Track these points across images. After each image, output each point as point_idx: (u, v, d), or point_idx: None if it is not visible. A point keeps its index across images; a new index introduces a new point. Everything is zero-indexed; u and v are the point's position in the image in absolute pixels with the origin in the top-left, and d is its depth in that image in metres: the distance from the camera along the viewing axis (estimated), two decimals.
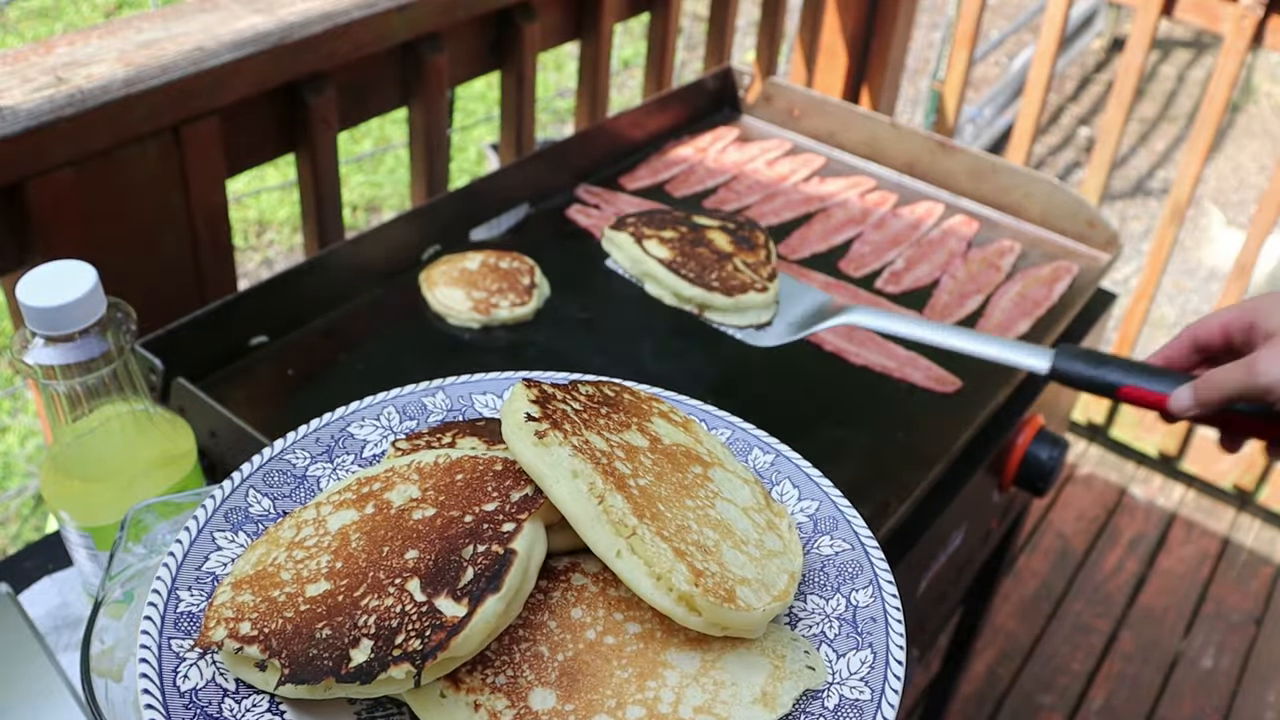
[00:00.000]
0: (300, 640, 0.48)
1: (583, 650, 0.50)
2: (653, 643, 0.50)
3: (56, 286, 0.69)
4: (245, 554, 0.55)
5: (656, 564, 0.49)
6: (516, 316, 1.10)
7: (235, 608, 0.50)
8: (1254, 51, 2.14)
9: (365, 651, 0.46)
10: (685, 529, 0.51)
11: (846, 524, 0.59)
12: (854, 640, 0.52)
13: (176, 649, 0.50)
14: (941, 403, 1.07)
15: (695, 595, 0.48)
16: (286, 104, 1.17)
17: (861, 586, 0.55)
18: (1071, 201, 1.30)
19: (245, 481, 0.59)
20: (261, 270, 3.19)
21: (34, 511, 2.41)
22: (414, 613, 0.47)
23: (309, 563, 0.52)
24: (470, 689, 0.48)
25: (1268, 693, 2.08)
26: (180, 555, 0.54)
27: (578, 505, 0.50)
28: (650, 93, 1.72)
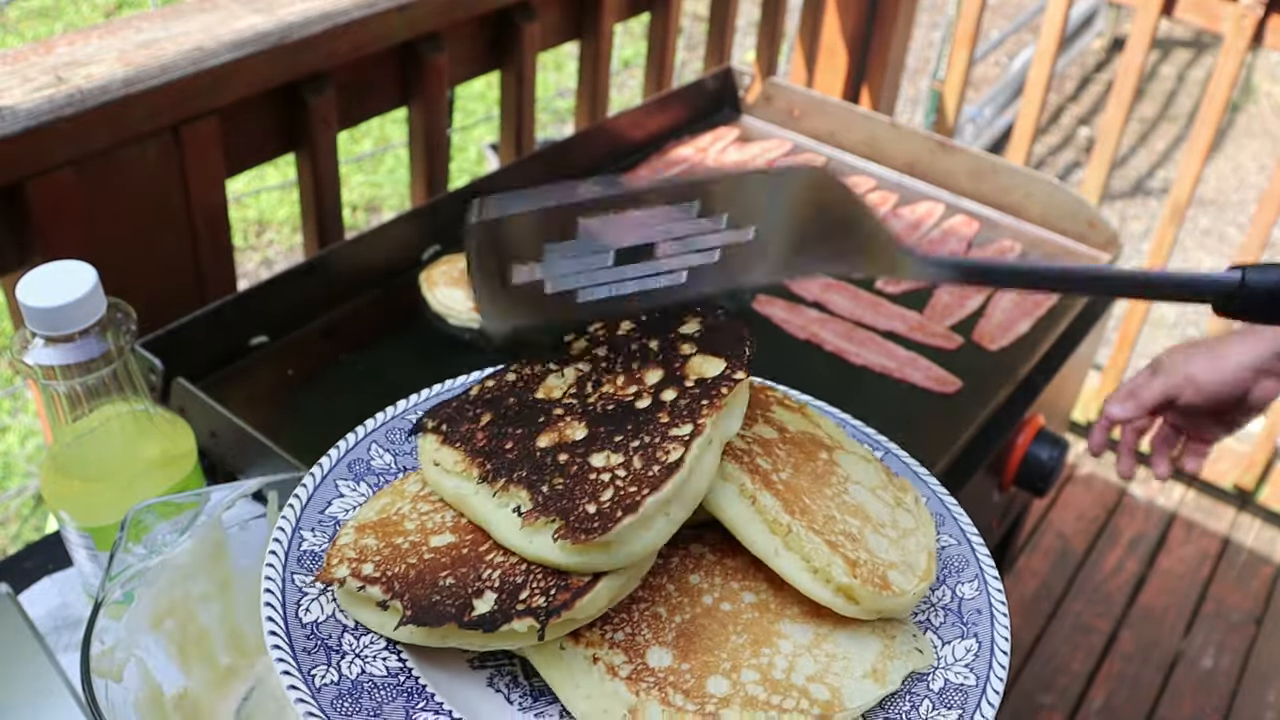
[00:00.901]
0: (423, 585, 0.48)
1: (699, 614, 0.51)
2: (767, 612, 0.51)
3: (56, 287, 0.69)
4: (369, 503, 0.55)
5: (814, 559, 0.49)
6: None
7: (358, 549, 0.51)
8: (1254, 51, 2.14)
9: (489, 603, 0.47)
10: (831, 519, 0.52)
11: (954, 520, 0.60)
12: (959, 629, 0.53)
13: (299, 584, 0.51)
14: (941, 403, 1.07)
15: (855, 586, 0.49)
16: (286, 104, 1.17)
17: (968, 580, 0.56)
18: (1071, 201, 1.30)
19: (369, 435, 0.60)
20: (261, 270, 3.19)
21: (34, 511, 2.41)
22: (539, 571, 0.47)
23: (434, 515, 0.53)
24: (589, 643, 0.49)
25: (1268, 692, 2.08)
26: (305, 497, 0.55)
27: (733, 509, 0.51)
28: (650, 93, 1.72)
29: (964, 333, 1.16)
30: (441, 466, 0.53)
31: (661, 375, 0.53)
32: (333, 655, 0.48)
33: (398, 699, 0.47)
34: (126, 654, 0.62)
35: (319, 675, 0.47)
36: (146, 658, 0.64)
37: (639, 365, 0.54)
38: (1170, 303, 0.92)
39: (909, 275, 0.57)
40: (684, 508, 0.48)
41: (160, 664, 0.65)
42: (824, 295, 1.19)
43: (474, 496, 0.51)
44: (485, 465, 0.51)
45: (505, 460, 0.51)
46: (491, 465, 0.51)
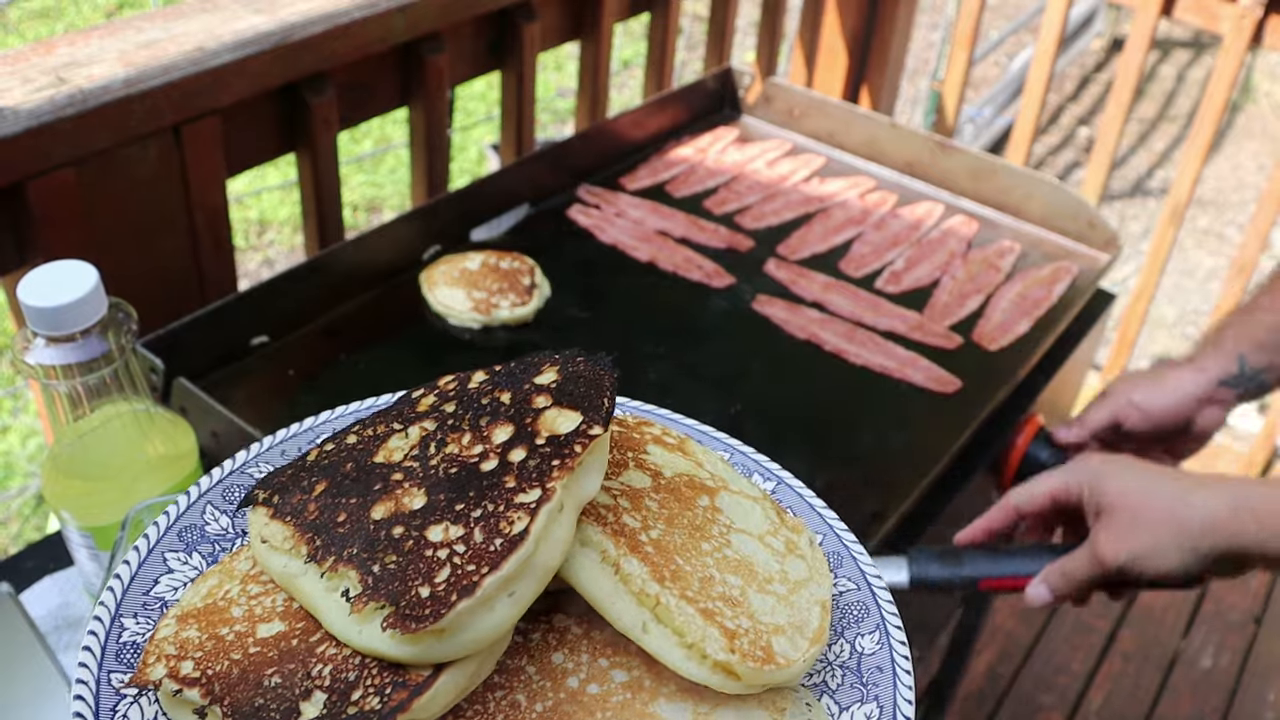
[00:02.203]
0: (246, 687, 0.44)
1: (564, 700, 0.46)
2: (641, 692, 0.46)
3: (57, 287, 0.69)
4: (196, 583, 0.50)
5: (687, 632, 0.45)
6: (517, 317, 1.10)
7: (179, 644, 0.46)
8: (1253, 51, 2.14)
9: (317, 706, 0.42)
10: (709, 581, 0.47)
11: (853, 560, 0.54)
12: (859, 692, 0.48)
13: (116, 684, 0.46)
14: (941, 403, 1.07)
15: (734, 662, 0.44)
16: (287, 104, 1.17)
17: (867, 631, 0.51)
18: (1071, 202, 1.30)
19: (203, 496, 0.54)
20: (262, 270, 3.20)
21: (35, 511, 2.42)
22: (374, 665, 0.43)
23: (264, 599, 0.48)
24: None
25: (1267, 692, 2.08)
26: (127, 577, 0.50)
27: (593, 580, 0.46)
28: (650, 93, 1.72)
29: (964, 333, 1.16)
30: (269, 543, 0.47)
31: (511, 432, 0.47)
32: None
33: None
34: None
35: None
36: None
37: (488, 421, 0.49)
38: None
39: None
40: (532, 585, 0.43)
41: None
42: (824, 295, 1.19)
43: (303, 578, 0.46)
44: (315, 541, 0.46)
45: (336, 535, 0.46)
46: (321, 541, 0.46)
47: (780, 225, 1.31)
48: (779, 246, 1.27)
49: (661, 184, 1.36)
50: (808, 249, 1.27)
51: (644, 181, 1.36)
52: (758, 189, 1.36)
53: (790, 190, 1.37)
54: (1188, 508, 0.77)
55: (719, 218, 1.31)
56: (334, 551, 0.45)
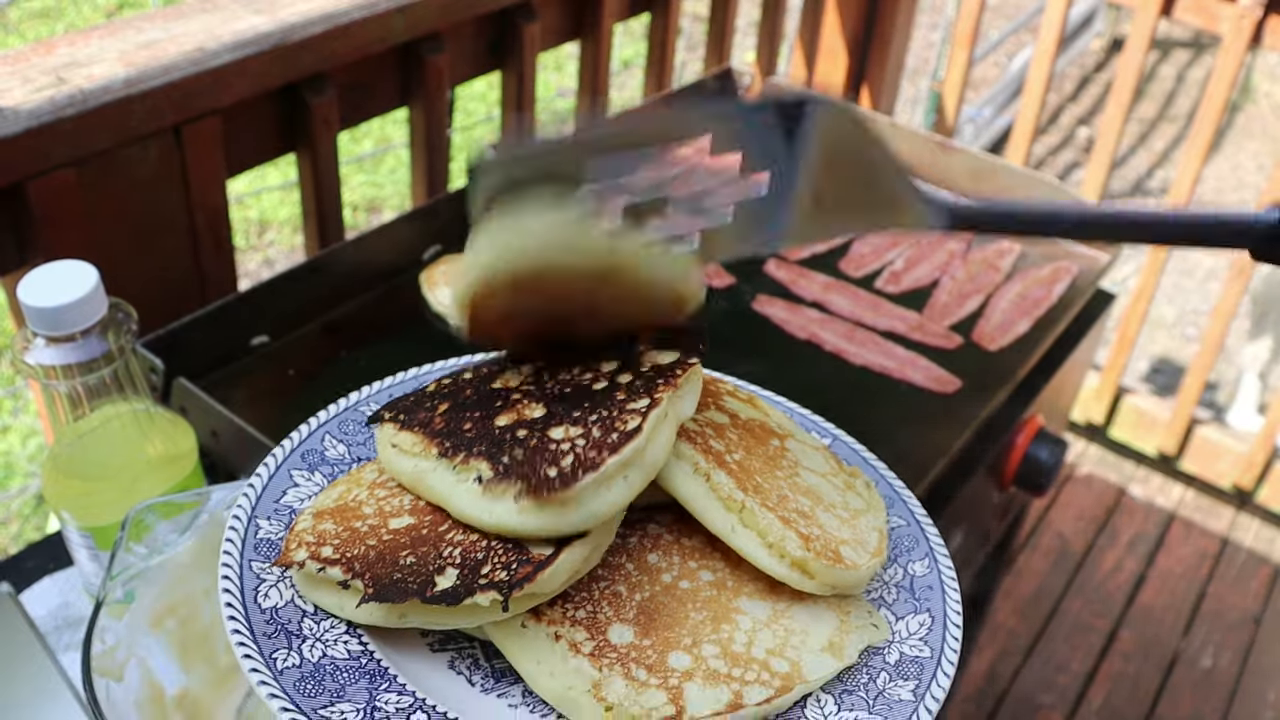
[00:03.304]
0: (384, 565, 0.49)
1: (659, 592, 0.52)
2: (725, 590, 0.52)
3: (57, 287, 0.69)
4: (325, 491, 0.56)
5: (769, 534, 0.51)
6: None
7: (317, 534, 0.51)
8: (1253, 51, 2.14)
9: (451, 579, 0.47)
10: (784, 498, 0.53)
11: (903, 503, 0.61)
12: (912, 605, 0.55)
13: (256, 570, 0.51)
14: (941, 403, 1.07)
15: (809, 560, 0.50)
16: (287, 104, 1.17)
17: (918, 558, 0.57)
18: (1071, 202, 1.30)
19: (322, 426, 0.60)
20: (262, 270, 3.20)
21: (35, 511, 2.42)
22: (500, 548, 0.48)
23: (391, 500, 0.53)
24: (551, 621, 0.49)
25: (1267, 692, 2.08)
26: (260, 487, 0.56)
27: (687, 487, 0.52)
28: (650, 93, 1.72)
29: (964, 333, 1.16)
30: (399, 448, 0.53)
31: (618, 365, 0.54)
32: (293, 639, 0.49)
33: (360, 681, 0.48)
34: (127, 653, 0.63)
35: (280, 659, 0.48)
36: (148, 657, 0.64)
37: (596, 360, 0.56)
38: (1202, 249, 0.72)
39: (930, 225, 0.55)
40: (642, 474, 0.49)
41: (161, 663, 0.65)
42: (824, 295, 1.19)
43: (432, 474, 0.51)
44: (444, 443, 0.51)
45: (464, 438, 0.51)
46: (450, 443, 0.51)
47: None
48: None
49: None
50: (808, 249, 1.27)
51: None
52: None
53: None
54: None
55: None
56: (463, 449, 0.51)
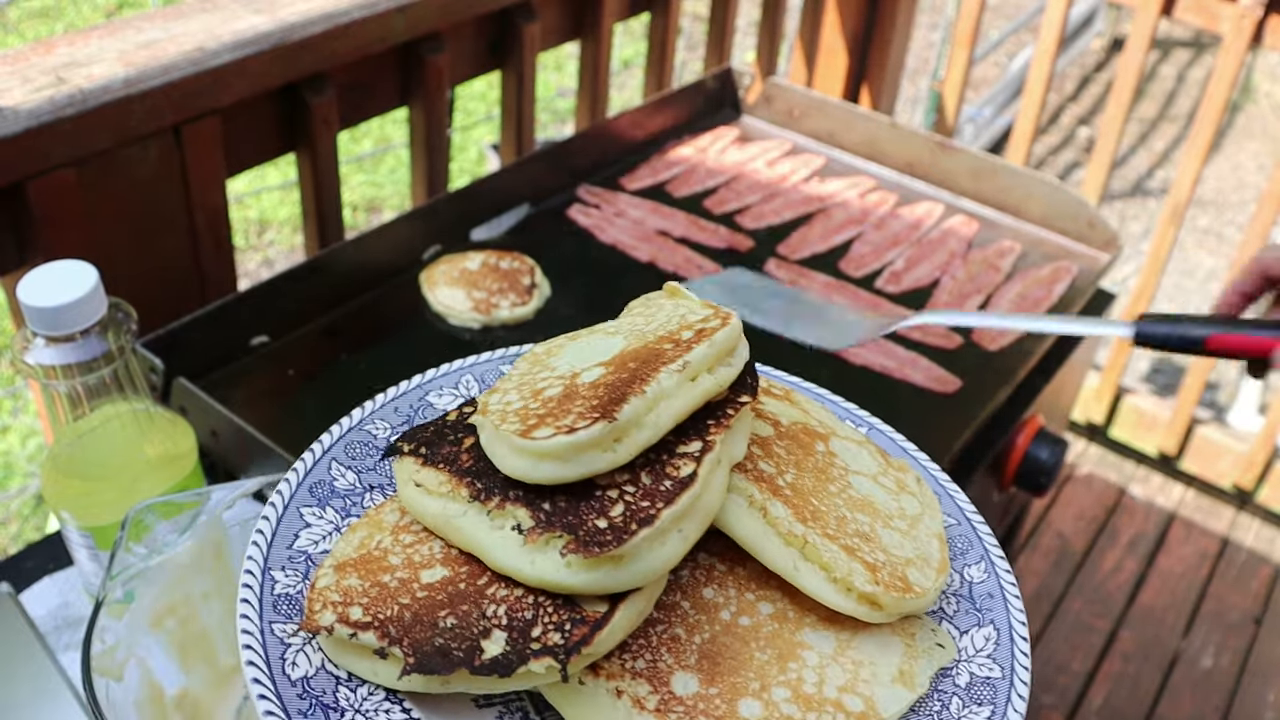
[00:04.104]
0: (422, 628, 0.44)
1: (719, 632, 0.48)
2: (787, 623, 0.49)
3: (57, 286, 0.69)
4: (345, 536, 0.51)
5: (834, 568, 0.48)
6: (517, 316, 1.10)
7: (342, 591, 0.47)
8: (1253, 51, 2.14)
9: (499, 643, 0.43)
10: (843, 520, 0.50)
11: (950, 499, 0.58)
12: (975, 616, 0.52)
13: (280, 634, 0.47)
14: (941, 403, 1.07)
15: (879, 594, 0.47)
16: (287, 104, 1.17)
17: (974, 562, 0.54)
18: (1071, 202, 1.30)
19: (327, 453, 0.55)
20: (262, 270, 3.20)
21: (35, 511, 2.42)
22: (549, 604, 0.45)
23: (420, 548, 0.49)
24: (610, 675, 0.46)
25: (1267, 692, 2.08)
26: (269, 533, 0.51)
27: (743, 524, 0.48)
28: (650, 93, 1.72)
29: (964, 333, 1.16)
30: (424, 488, 0.49)
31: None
32: (331, 714, 0.44)
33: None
34: (127, 653, 0.63)
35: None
36: (147, 657, 0.64)
37: None
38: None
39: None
40: (698, 525, 0.46)
41: (161, 663, 0.65)
42: (824, 295, 1.19)
43: (463, 518, 0.47)
44: (475, 484, 0.47)
45: (497, 479, 0.47)
46: (482, 484, 0.47)
47: (780, 225, 1.31)
48: (779, 246, 1.27)
49: (661, 184, 1.36)
50: (808, 248, 1.27)
51: (644, 181, 1.36)
52: (758, 189, 1.36)
53: (790, 190, 1.37)
54: None
55: (719, 217, 1.31)
56: (498, 492, 0.46)
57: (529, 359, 0.54)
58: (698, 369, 0.48)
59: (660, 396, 0.46)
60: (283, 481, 0.54)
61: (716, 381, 0.49)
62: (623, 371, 0.48)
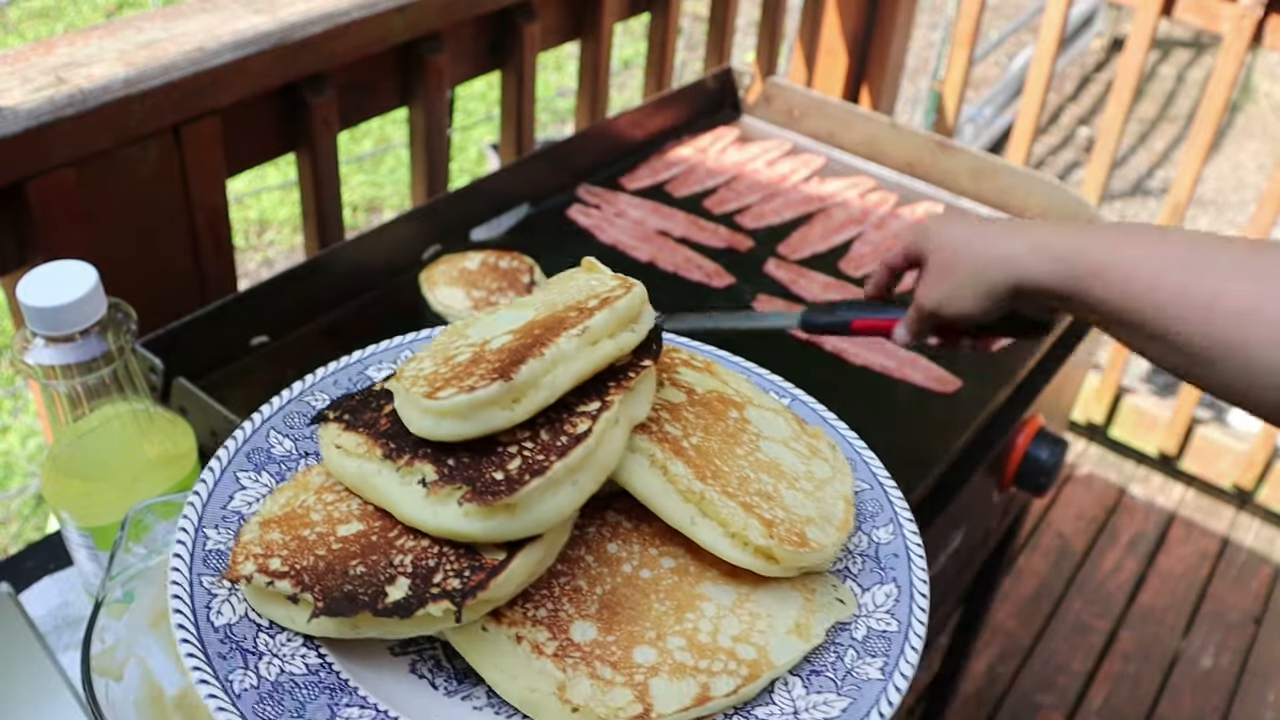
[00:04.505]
0: (333, 576, 0.47)
1: (620, 584, 0.51)
2: (687, 576, 0.51)
3: (57, 287, 0.69)
4: (272, 496, 0.54)
5: (730, 523, 0.50)
6: None
7: (264, 544, 0.50)
8: (1253, 51, 2.14)
9: (402, 589, 0.46)
10: (746, 480, 0.52)
11: (865, 465, 0.60)
12: (878, 575, 0.54)
13: (207, 585, 0.50)
14: (941, 403, 1.07)
15: (773, 547, 0.49)
16: (286, 104, 1.17)
17: (883, 524, 0.56)
18: (1071, 202, 1.30)
19: (266, 422, 0.59)
20: (262, 270, 3.20)
21: (35, 511, 2.42)
22: (452, 553, 0.47)
23: (340, 505, 0.52)
24: (512, 622, 0.48)
25: (1267, 692, 2.08)
26: (205, 494, 0.54)
27: (644, 481, 0.51)
28: (650, 93, 1.72)
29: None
30: (344, 449, 0.52)
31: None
32: (249, 658, 0.47)
33: (320, 696, 0.47)
34: (127, 653, 0.63)
35: (237, 680, 0.46)
36: (147, 657, 0.64)
37: None
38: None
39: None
40: (592, 478, 0.48)
41: (161, 663, 0.65)
42: (824, 295, 1.19)
43: (377, 476, 0.50)
44: (389, 445, 0.50)
45: (410, 439, 0.50)
46: (395, 444, 0.50)
47: (780, 225, 1.31)
48: (779, 246, 1.27)
49: (661, 184, 1.36)
50: (808, 248, 1.27)
51: (644, 181, 1.36)
52: (758, 189, 1.36)
53: (790, 190, 1.37)
54: (988, 249, 0.79)
55: (719, 218, 1.31)
56: (408, 450, 0.49)
57: (449, 330, 0.57)
58: (598, 334, 0.51)
59: (559, 359, 0.49)
60: (221, 448, 0.57)
61: (618, 346, 0.52)
62: (527, 337, 0.51)
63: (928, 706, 1.85)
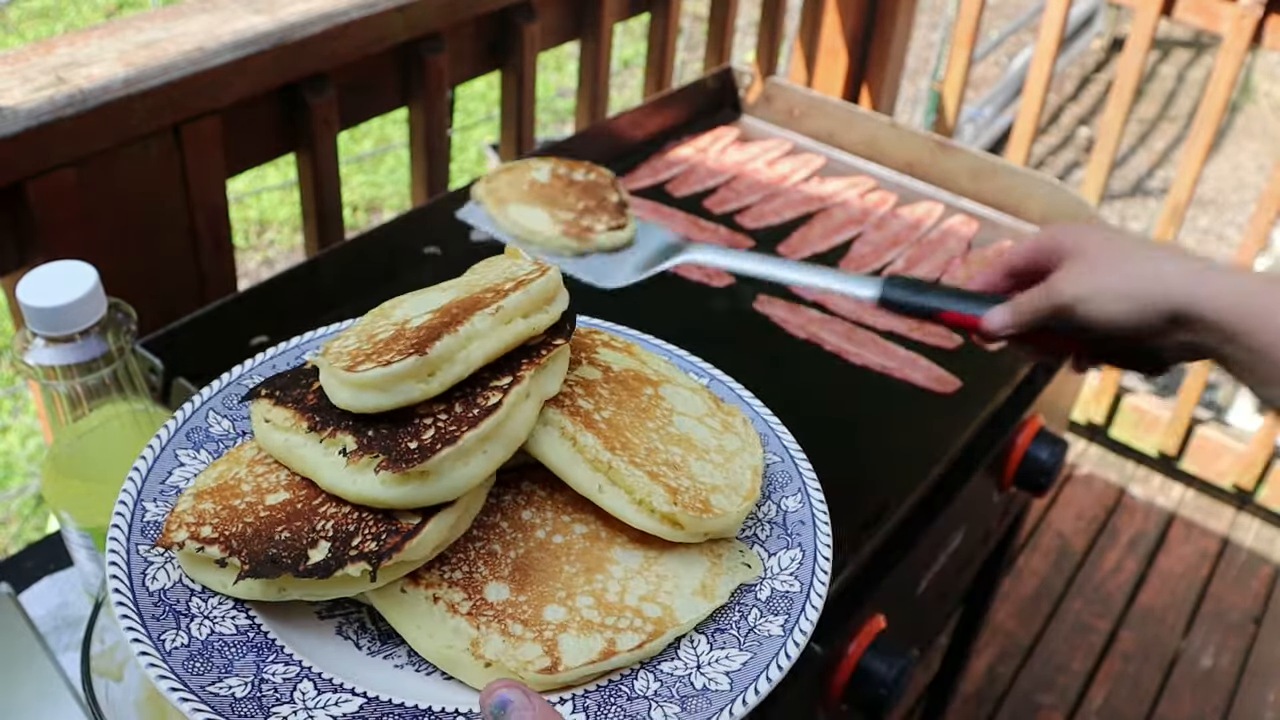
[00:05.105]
0: (260, 541, 0.50)
1: (534, 549, 0.54)
2: (598, 542, 0.54)
3: (57, 287, 0.69)
4: (206, 471, 0.57)
5: (636, 491, 0.53)
6: (616, 242, 0.96)
7: (196, 514, 0.53)
8: (1253, 51, 2.14)
9: (323, 551, 0.49)
10: (654, 451, 0.55)
11: (777, 439, 0.63)
12: (784, 540, 0.57)
13: (144, 554, 0.53)
14: (941, 403, 1.07)
15: (677, 513, 0.52)
16: (286, 104, 1.17)
17: (791, 494, 0.60)
18: (1072, 202, 1.30)
19: (205, 404, 0.61)
20: (262, 270, 3.20)
21: (35, 511, 2.42)
22: (370, 519, 0.50)
23: (269, 476, 0.55)
24: (429, 584, 0.51)
25: (1267, 692, 2.08)
26: (145, 470, 0.57)
27: (554, 451, 0.54)
28: (650, 93, 1.72)
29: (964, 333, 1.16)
30: (272, 423, 0.55)
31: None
32: (181, 619, 0.50)
33: (248, 654, 0.49)
34: (127, 653, 0.63)
35: (169, 639, 0.49)
36: None
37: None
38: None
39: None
40: (502, 448, 0.51)
41: None
42: (824, 296, 1.19)
43: (303, 447, 0.53)
44: (314, 418, 0.53)
45: (333, 413, 0.53)
46: (320, 418, 0.53)
47: (780, 225, 1.31)
48: (779, 246, 1.27)
49: (661, 184, 1.36)
50: (808, 248, 1.27)
51: (644, 181, 1.36)
52: (758, 189, 1.36)
53: (790, 190, 1.37)
54: (1144, 261, 0.74)
55: (719, 217, 1.31)
56: (331, 423, 0.53)
57: (374, 312, 0.60)
58: (512, 314, 0.54)
59: (473, 336, 0.52)
60: (162, 428, 0.59)
61: (530, 325, 0.55)
62: (445, 316, 0.54)
63: (928, 706, 1.85)
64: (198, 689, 0.46)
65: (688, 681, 0.49)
